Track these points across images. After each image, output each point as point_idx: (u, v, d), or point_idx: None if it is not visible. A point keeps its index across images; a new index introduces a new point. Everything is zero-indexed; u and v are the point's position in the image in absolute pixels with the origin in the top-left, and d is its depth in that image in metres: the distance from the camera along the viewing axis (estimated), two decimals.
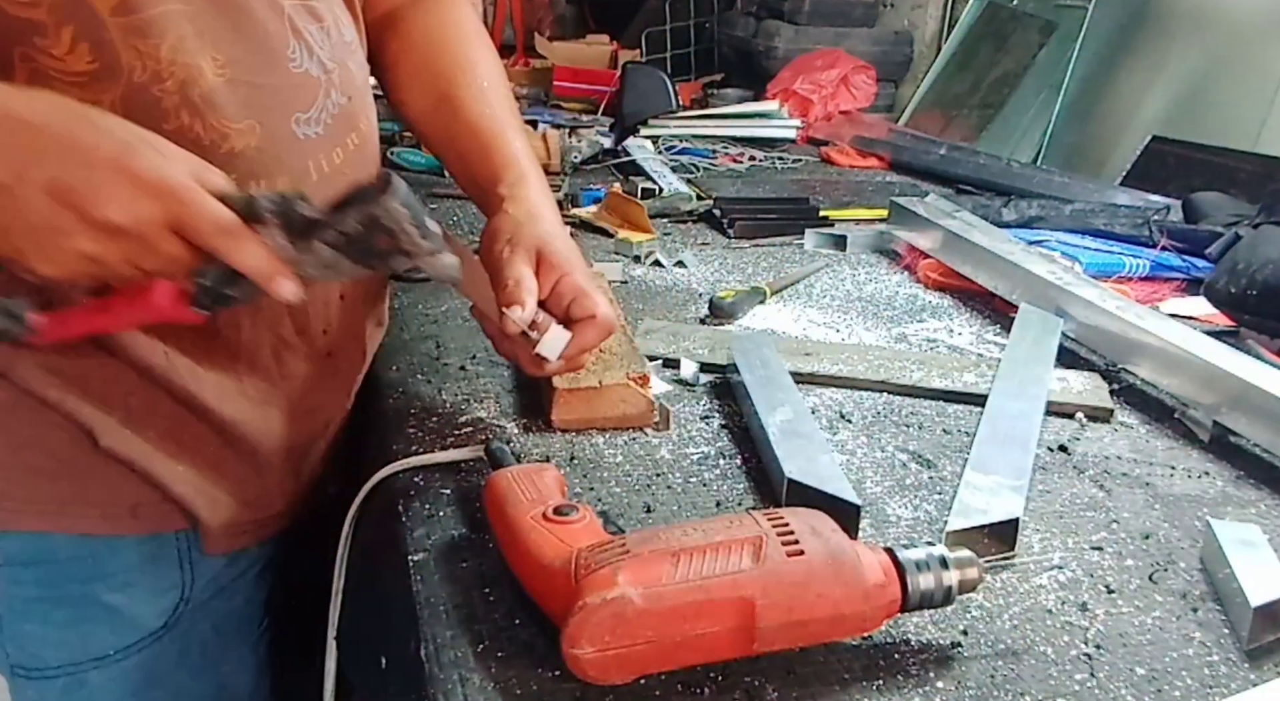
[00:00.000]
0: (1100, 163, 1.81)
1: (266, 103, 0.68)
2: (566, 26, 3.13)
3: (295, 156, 0.71)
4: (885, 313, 1.09)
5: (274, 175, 0.69)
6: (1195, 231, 1.27)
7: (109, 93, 0.61)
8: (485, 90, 0.86)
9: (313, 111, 0.71)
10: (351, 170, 0.76)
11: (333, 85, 0.73)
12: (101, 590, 0.74)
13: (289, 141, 0.70)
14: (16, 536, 0.72)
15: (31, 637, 0.76)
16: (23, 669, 0.77)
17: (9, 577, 0.74)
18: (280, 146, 0.69)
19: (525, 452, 0.74)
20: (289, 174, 0.70)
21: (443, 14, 0.90)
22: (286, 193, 0.59)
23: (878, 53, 2.34)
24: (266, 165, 0.68)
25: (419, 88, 0.87)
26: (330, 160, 0.74)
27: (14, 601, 0.75)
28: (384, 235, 0.58)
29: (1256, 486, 0.75)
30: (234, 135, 0.66)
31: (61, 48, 0.59)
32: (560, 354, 0.70)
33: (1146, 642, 0.56)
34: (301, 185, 0.69)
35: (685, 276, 1.19)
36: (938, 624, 0.56)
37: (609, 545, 0.51)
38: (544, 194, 0.80)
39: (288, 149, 0.70)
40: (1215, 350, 0.84)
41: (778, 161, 1.90)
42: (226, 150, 0.66)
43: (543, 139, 1.72)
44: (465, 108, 0.84)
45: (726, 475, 0.73)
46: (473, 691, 0.50)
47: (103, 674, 0.76)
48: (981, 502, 0.66)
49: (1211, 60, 1.71)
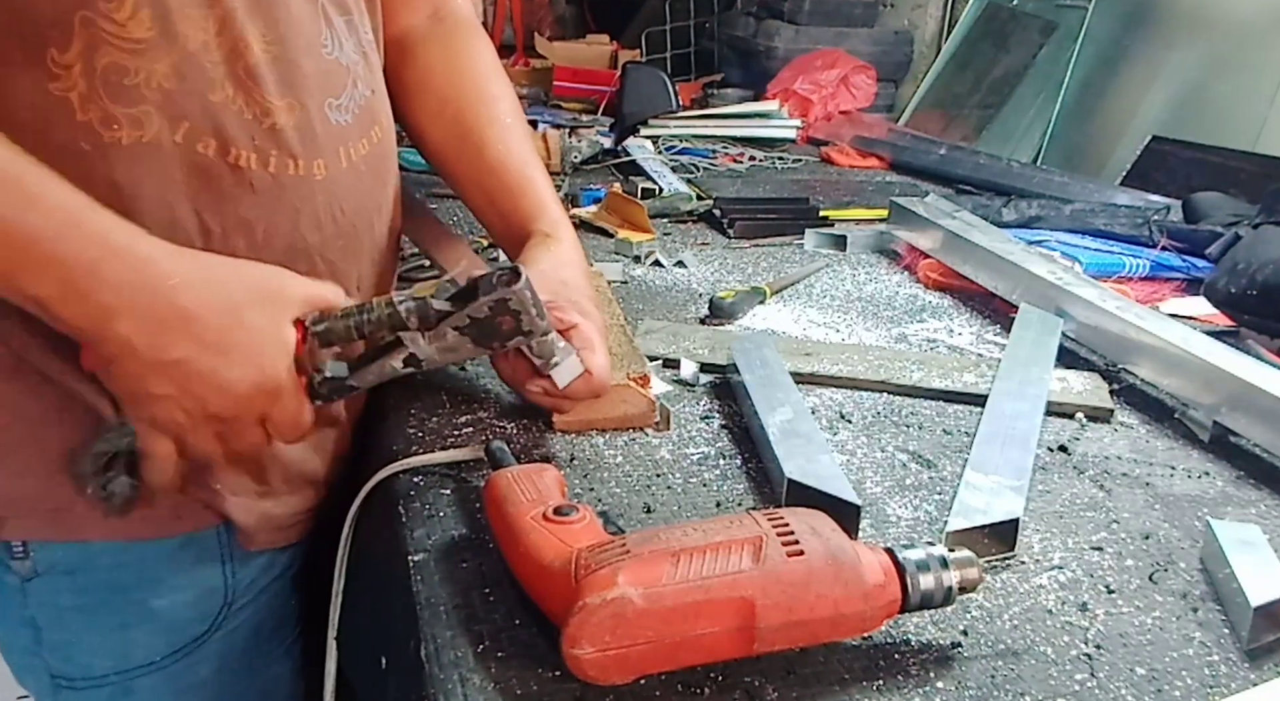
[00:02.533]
0: (1100, 163, 1.81)
1: (305, 83, 0.69)
2: (566, 26, 3.13)
3: (329, 139, 0.72)
4: (885, 313, 1.09)
5: (310, 156, 0.70)
6: (1195, 231, 1.27)
7: (163, 61, 0.62)
8: (508, 127, 0.86)
9: (343, 99, 0.73)
10: (373, 166, 0.77)
11: (358, 77, 0.74)
12: (146, 595, 0.74)
13: (324, 124, 0.71)
14: (55, 545, 0.71)
15: (76, 646, 0.75)
16: (65, 679, 0.76)
17: (49, 587, 0.73)
18: (316, 128, 0.70)
19: (525, 452, 0.74)
20: (322, 156, 0.71)
21: (459, 45, 0.90)
22: (421, 293, 0.65)
23: (878, 53, 2.34)
24: (304, 145, 0.70)
25: (440, 121, 0.87)
26: (357, 150, 0.75)
27: (55, 611, 0.73)
28: (509, 317, 0.65)
29: (1256, 486, 0.75)
30: (276, 111, 0.67)
31: (124, 13, 0.60)
32: (567, 384, 0.71)
33: (1146, 642, 0.56)
34: (332, 170, 0.72)
35: (685, 276, 1.19)
36: (938, 624, 0.56)
37: (609, 545, 0.51)
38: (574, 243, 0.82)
39: (323, 131, 0.71)
40: (1215, 350, 0.84)
41: (778, 161, 1.90)
42: (269, 125, 0.67)
43: (543, 139, 1.72)
44: (489, 147, 0.84)
45: (726, 475, 0.73)
46: (473, 691, 0.50)
47: (150, 680, 0.76)
48: (981, 503, 0.66)
49: (1211, 60, 1.71)
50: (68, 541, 0.71)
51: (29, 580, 0.72)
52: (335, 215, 0.73)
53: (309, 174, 0.70)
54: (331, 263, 0.75)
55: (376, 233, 0.80)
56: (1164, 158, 1.67)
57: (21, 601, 0.73)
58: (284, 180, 0.69)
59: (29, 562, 0.72)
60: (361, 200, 0.76)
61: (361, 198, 0.76)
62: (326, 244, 0.74)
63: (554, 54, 2.58)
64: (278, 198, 0.69)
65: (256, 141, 0.67)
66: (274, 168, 0.68)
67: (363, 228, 0.77)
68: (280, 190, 0.69)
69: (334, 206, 0.73)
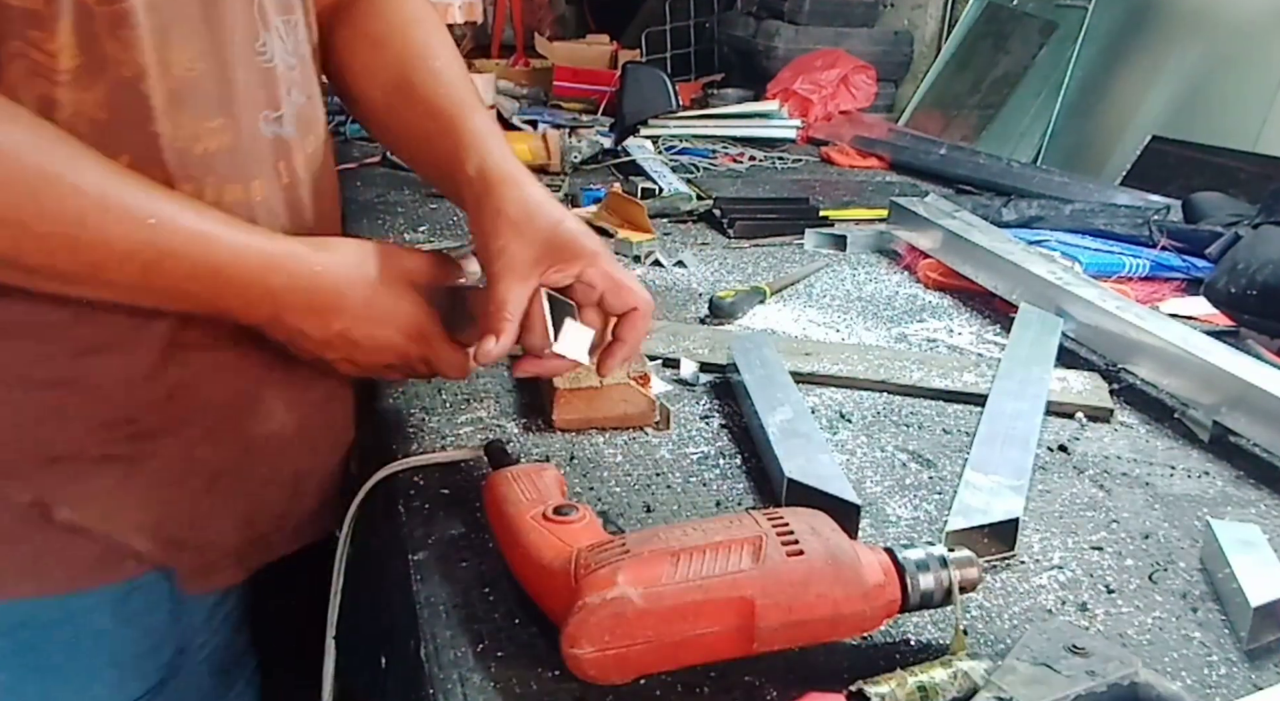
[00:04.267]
0: (1100, 163, 1.81)
1: (237, 97, 0.66)
2: (566, 26, 3.13)
3: (265, 156, 0.69)
4: (885, 313, 1.09)
5: (247, 179, 0.67)
6: (1195, 231, 1.27)
7: (94, 91, 0.59)
8: (438, 72, 0.79)
9: (279, 110, 0.70)
10: (311, 176, 0.74)
11: (293, 82, 0.71)
12: (92, 652, 0.69)
13: (258, 140, 0.68)
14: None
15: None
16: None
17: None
18: (250, 146, 0.67)
19: (525, 452, 0.74)
20: (259, 177, 0.68)
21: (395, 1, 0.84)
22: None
23: (878, 53, 2.34)
24: (239, 167, 0.67)
25: (373, 78, 0.81)
26: (293, 164, 0.72)
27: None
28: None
29: (1256, 486, 0.75)
30: (205, 135, 0.64)
31: (55, 43, 0.57)
32: (590, 349, 0.67)
33: (1146, 642, 0.56)
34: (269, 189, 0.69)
35: (685, 276, 1.19)
36: (938, 624, 0.56)
37: (609, 545, 0.51)
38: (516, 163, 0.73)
39: (257, 148, 0.68)
40: (1215, 350, 0.84)
41: (778, 161, 1.90)
42: (200, 152, 0.64)
43: (543, 139, 1.72)
44: (419, 91, 0.78)
45: (726, 475, 0.73)
46: (473, 691, 0.50)
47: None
48: (981, 502, 0.66)
49: (1211, 60, 1.71)
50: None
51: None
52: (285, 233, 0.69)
53: (247, 197, 0.68)
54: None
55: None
56: (1164, 158, 1.67)
57: None
58: (224, 206, 0.65)
59: None
60: (301, 215, 0.73)
61: (301, 212, 0.73)
62: None
63: (554, 54, 2.58)
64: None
65: (191, 171, 0.64)
66: (210, 196, 0.65)
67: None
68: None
69: (274, 226, 0.69)
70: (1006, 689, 0.47)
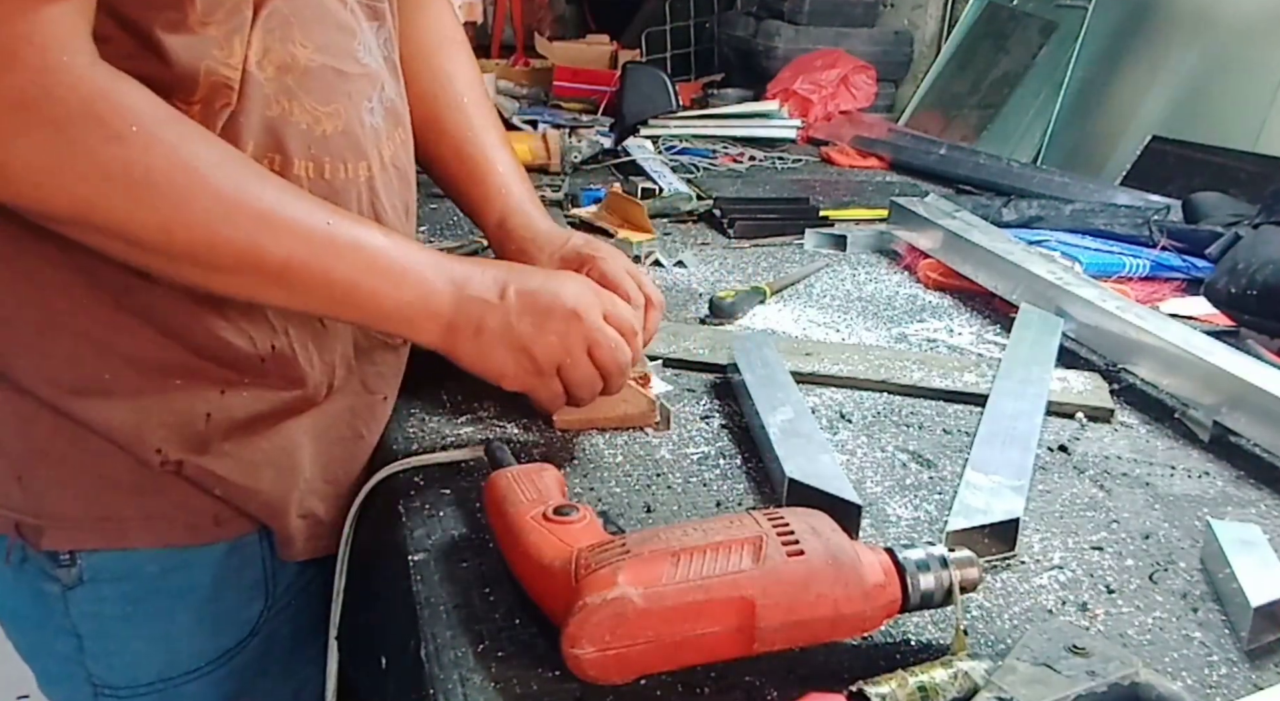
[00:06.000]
0: (1100, 163, 1.81)
1: (346, 88, 0.71)
2: (566, 26, 3.13)
3: (368, 141, 0.73)
4: (885, 313, 1.09)
5: (356, 159, 0.72)
6: (1195, 231, 1.27)
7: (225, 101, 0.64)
8: (466, 108, 0.89)
9: (374, 102, 0.74)
10: (401, 165, 0.79)
11: (384, 80, 0.76)
12: (192, 602, 0.74)
13: (362, 127, 0.73)
14: (100, 553, 0.71)
15: (120, 655, 0.74)
16: (109, 687, 0.75)
17: (93, 595, 0.72)
18: (358, 131, 0.72)
19: (525, 453, 0.74)
20: (365, 158, 0.73)
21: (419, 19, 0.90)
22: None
23: (878, 53, 2.34)
24: (350, 148, 0.72)
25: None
26: (388, 150, 0.77)
27: (100, 619, 0.73)
28: None
29: (1256, 486, 0.75)
30: (324, 118, 0.69)
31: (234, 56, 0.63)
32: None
33: (1146, 642, 0.56)
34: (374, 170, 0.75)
35: (685, 276, 1.19)
36: (938, 624, 0.56)
37: (609, 545, 0.51)
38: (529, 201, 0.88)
39: (363, 133, 0.73)
40: (1215, 350, 0.84)
41: (778, 161, 1.90)
42: (320, 133, 0.69)
43: (543, 139, 1.72)
44: (449, 132, 0.88)
45: (727, 475, 0.73)
46: (473, 691, 0.50)
47: (196, 686, 0.76)
48: (981, 502, 0.66)
49: (1211, 60, 1.71)
50: (114, 549, 0.71)
51: (71, 589, 0.72)
52: (379, 214, 0.75)
53: (355, 175, 0.72)
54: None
55: (407, 231, 0.81)
56: (1164, 158, 1.67)
57: (63, 610, 0.72)
58: (336, 185, 0.70)
59: (74, 570, 0.71)
60: (394, 199, 0.78)
61: (394, 196, 0.78)
62: None
63: (554, 54, 2.58)
64: (332, 203, 0.70)
65: (312, 150, 0.69)
66: (328, 174, 0.70)
67: (398, 225, 0.78)
68: (334, 195, 0.70)
69: (376, 205, 0.75)
70: (1007, 689, 0.47)
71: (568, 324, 0.69)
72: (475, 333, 0.67)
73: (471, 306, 0.67)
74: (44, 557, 0.71)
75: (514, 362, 0.69)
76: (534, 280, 0.70)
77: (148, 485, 0.69)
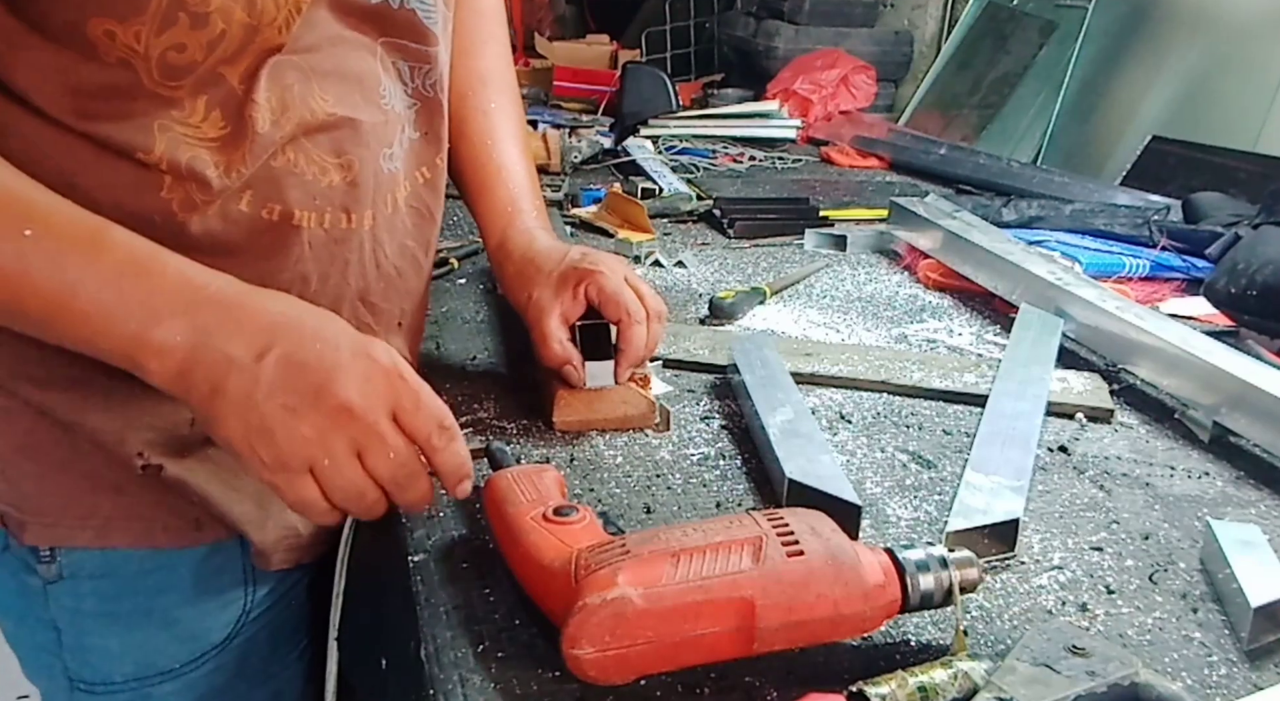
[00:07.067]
0: (1100, 163, 1.81)
1: (362, 138, 0.69)
2: (566, 26, 3.13)
3: (379, 189, 0.72)
4: (885, 313, 1.09)
5: (362, 209, 0.71)
6: (1195, 231, 1.27)
7: (239, 149, 0.63)
8: (491, 115, 0.88)
9: (395, 147, 0.73)
10: (420, 204, 0.78)
11: (408, 122, 0.75)
12: (169, 604, 0.74)
13: (376, 175, 0.71)
14: (79, 551, 0.71)
15: (96, 652, 0.75)
16: (85, 683, 0.76)
17: (72, 591, 0.73)
18: (369, 180, 0.71)
19: (525, 453, 0.74)
20: (372, 207, 0.72)
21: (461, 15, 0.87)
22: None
23: (878, 53, 2.34)
24: (357, 199, 0.70)
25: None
26: (402, 193, 0.75)
27: (77, 615, 0.73)
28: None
29: (1256, 486, 0.75)
30: (332, 169, 0.68)
31: (197, 116, 0.62)
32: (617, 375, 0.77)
33: (1146, 643, 0.56)
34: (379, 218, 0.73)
35: (685, 276, 1.19)
36: (938, 624, 0.56)
37: (609, 545, 0.51)
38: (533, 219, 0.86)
39: (374, 183, 0.71)
40: (1215, 350, 0.84)
41: (778, 161, 1.90)
42: (325, 184, 0.68)
43: (543, 139, 1.72)
44: (469, 138, 0.87)
45: (726, 475, 0.73)
46: (473, 692, 0.50)
47: (169, 687, 0.76)
48: (981, 503, 0.66)
49: (1211, 60, 1.71)
50: (94, 548, 0.71)
51: (52, 583, 0.72)
52: (380, 260, 0.75)
53: (359, 225, 0.71)
54: (373, 305, 0.76)
55: (422, 268, 0.81)
56: (1164, 158, 1.67)
57: (43, 603, 0.73)
58: (336, 235, 0.70)
59: (54, 567, 0.72)
60: (405, 241, 0.77)
61: (405, 238, 0.77)
62: (369, 288, 0.75)
63: (554, 54, 2.58)
64: (331, 252, 0.70)
65: (316, 201, 0.68)
66: (328, 224, 0.69)
67: (406, 267, 0.78)
68: (334, 245, 0.70)
69: (379, 252, 0.74)
70: (1007, 689, 0.47)
71: (333, 419, 0.54)
72: (211, 393, 0.55)
73: (212, 359, 0.54)
74: (26, 551, 0.71)
75: (249, 447, 0.55)
76: (311, 350, 0.55)
77: (129, 485, 0.69)
